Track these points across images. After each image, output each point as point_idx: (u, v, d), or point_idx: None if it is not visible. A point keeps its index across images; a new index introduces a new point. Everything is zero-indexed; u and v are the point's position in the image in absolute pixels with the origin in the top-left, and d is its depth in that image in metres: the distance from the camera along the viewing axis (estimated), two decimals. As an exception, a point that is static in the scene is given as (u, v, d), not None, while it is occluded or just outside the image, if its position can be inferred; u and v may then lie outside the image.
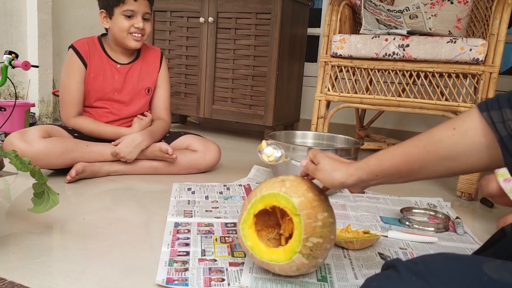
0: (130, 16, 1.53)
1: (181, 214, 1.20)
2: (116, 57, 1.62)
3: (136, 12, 1.53)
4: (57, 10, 2.50)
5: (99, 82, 1.59)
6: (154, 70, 1.70)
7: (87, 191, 1.41)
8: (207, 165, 1.66)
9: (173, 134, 1.72)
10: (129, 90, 1.64)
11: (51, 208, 0.96)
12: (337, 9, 1.71)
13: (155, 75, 1.70)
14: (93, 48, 1.59)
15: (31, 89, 2.48)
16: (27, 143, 1.37)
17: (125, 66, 1.63)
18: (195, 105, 2.46)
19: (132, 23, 1.53)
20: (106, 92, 1.61)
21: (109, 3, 1.53)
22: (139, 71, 1.66)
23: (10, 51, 1.84)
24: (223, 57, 2.34)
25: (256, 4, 2.21)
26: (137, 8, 1.53)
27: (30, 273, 0.85)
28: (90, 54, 1.57)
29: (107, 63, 1.60)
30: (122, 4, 1.51)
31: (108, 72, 1.60)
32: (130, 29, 1.54)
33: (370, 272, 0.91)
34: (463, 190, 1.52)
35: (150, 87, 1.69)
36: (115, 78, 1.61)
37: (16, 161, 0.92)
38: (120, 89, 1.63)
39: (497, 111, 0.53)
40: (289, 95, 2.43)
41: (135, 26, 1.54)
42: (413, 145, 0.63)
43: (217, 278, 0.86)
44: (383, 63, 1.60)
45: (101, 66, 1.59)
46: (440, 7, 1.93)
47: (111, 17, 1.54)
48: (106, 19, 1.56)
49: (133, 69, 1.65)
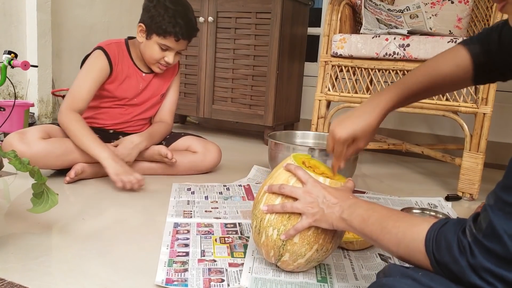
0: (165, 49, 1.50)
1: (181, 215, 1.19)
2: (141, 65, 1.60)
3: (172, 49, 1.50)
4: (56, 10, 2.50)
5: (123, 89, 1.57)
6: (171, 75, 1.69)
7: (86, 191, 1.40)
8: (207, 166, 1.65)
9: (173, 135, 1.71)
10: (148, 96, 1.63)
11: (50, 209, 0.96)
12: (337, 9, 1.71)
13: (170, 81, 1.69)
14: (121, 54, 1.56)
15: (30, 89, 2.48)
16: (26, 145, 1.36)
17: (149, 75, 1.62)
18: (195, 105, 2.46)
19: (164, 55, 1.50)
20: (130, 96, 1.59)
21: (152, 27, 1.46)
22: (160, 80, 1.65)
23: (9, 51, 1.84)
24: (223, 57, 2.34)
25: (256, 3, 2.21)
26: (175, 46, 1.49)
27: (29, 274, 0.85)
28: (118, 60, 1.54)
29: (133, 70, 1.58)
30: (163, 38, 1.47)
31: (134, 79, 1.58)
32: (160, 60, 1.52)
33: (370, 273, 0.91)
34: (464, 190, 1.52)
35: (165, 92, 1.69)
36: (139, 86, 1.60)
37: (15, 161, 0.91)
38: (141, 95, 1.62)
39: None
40: (289, 95, 2.42)
41: (165, 60, 1.51)
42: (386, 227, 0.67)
43: (217, 278, 0.86)
44: (383, 63, 1.60)
45: (127, 73, 1.57)
46: (441, 7, 1.93)
47: (147, 37, 1.50)
48: (142, 34, 1.51)
49: (156, 77, 1.64)
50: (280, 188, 0.82)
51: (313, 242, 0.81)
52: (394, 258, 0.98)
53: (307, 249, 0.82)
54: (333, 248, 0.85)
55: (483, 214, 0.53)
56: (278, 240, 0.82)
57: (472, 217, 0.55)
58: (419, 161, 2.10)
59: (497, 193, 0.52)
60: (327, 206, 0.77)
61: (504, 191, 0.51)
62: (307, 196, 0.79)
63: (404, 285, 0.55)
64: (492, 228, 0.50)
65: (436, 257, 0.56)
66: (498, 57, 0.86)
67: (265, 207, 0.83)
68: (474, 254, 0.51)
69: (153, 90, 1.64)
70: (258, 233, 0.85)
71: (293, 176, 0.83)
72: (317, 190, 0.79)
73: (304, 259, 0.83)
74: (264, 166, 1.72)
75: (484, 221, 0.52)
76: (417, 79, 0.92)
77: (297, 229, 0.80)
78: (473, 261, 0.51)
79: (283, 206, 0.81)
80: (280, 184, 0.82)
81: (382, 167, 1.96)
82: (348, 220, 0.73)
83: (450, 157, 1.63)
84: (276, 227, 0.82)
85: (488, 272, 0.50)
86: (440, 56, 0.93)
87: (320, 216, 0.77)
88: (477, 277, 0.51)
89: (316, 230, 0.80)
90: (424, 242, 0.58)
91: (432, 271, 0.58)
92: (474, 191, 1.50)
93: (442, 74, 0.90)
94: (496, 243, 0.49)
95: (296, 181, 0.82)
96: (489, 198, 0.53)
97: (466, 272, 0.52)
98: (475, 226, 0.53)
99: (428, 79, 0.91)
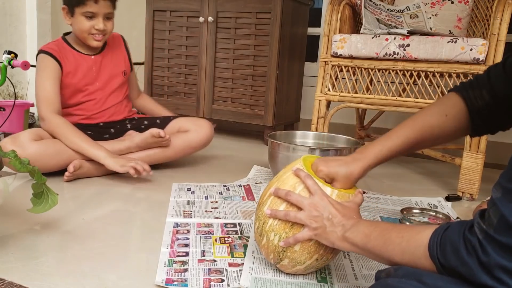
0: (91, 17, 1.53)
1: (181, 215, 1.19)
2: (85, 50, 1.64)
3: (97, 13, 1.53)
4: (56, 10, 2.50)
5: (78, 77, 1.60)
6: (123, 53, 1.74)
7: (86, 191, 1.40)
8: (201, 141, 1.68)
9: (163, 120, 1.74)
10: (107, 77, 1.67)
11: (50, 209, 0.96)
12: (337, 9, 1.71)
13: (127, 59, 1.75)
14: (63, 49, 1.60)
15: (30, 89, 2.48)
16: (20, 147, 1.37)
17: (98, 56, 1.66)
18: (195, 105, 2.46)
19: (92, 24, 1.54)
20: (88, 84, 1.62)
21: (71, 2, 1.53)
22: (111, 57, 1.69)
23: (9, 51, 1.84)
24: (223, 57, 2.34)
25: (256, 3, 2.21)
26: (98, 9, 1.52)
27: (29, 274, 0.85)
28: (62, 55, 1.58)
29: (80, 58, 1.62)
30: (83, 6, 1.51)
31: (85, 66, 1.62)
32: (90, 30, 1.55)
33: (370, 273, 0.91)
34: (464, 190, 1.52)
35: (126, 70, 1.74)
36: (92, 70, 1.64)
37: (15, 161, 0.91)
38: (99, 78, 1.65)
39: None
40: (289, 95, 2.42)
41: (95, 28, 1.55)
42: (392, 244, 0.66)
43: (217, 278, 0.86)
44: (383, 62, 1.60)
45: (75, 63, 1.60)
46: (441, 7, 1.93)
47: (72, 15, 1.55)
48: (68, 15, 1.57)
49: (105, 56, 1.68)
50: (287, 195, 0.81)
51: (314, 252, 0.81)
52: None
53: (307, 257, 0.82)
54: (333, 257, 0.85)
55: (492, 209, 0.50)
56: (278, 246, 0.82)
57: (479, 214, 0.53)
58: (419, 161, 2.10)
59: (505, 185, 0.50)
60: (330, 224, 0.75)
61: (511, 182, 0.49)
62: (312, 209, 0.78)
63: (410, 286, 0.54)
64: (505, 221, 0.47)
65: (441, 262, 0.56)
66: (503, 92, 0.75)
67: (269, 210, 0.82)
68: (486, 252, 0.49)
69: (110, 69, 1.68)
70: (260, 235, 0.85)
71: (300, 183, 0.82)
72: (324, 205, 0.77)
73: (303, 266, 0.83)
74: (264, 166, 1.72)
75: (495, 215, 0.49)
76: (403, 133, 0.85)
77: (297, 239, 0.79)
78: (486, 259, 0.49)
79: (286, 215, 0.80)
80: (287, 191, 0.81)
81: (382, 167, 1.94)
82: (350, 238, 0.72)
83: (450, 157, 1.63)
84: (278, 233, 0.82)
85: (503, 269, 0.48)
86: (429, 107, 0.86)
87: (321, 232, 0.76)
88: (488, 276, 0.49)
89: (318, 241, 0.80)
90: (427, 247, 0.58)
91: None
92: (474, 191, 1.50)
93: (430, 127, 0.83)
94: (511, 237, 0.47)
95: (303, 188, 0.81)
96: (495, 192, 0.51)
97: (476, 273, 0.50)
98: (483, 222, 0.51)
99: (414, 135, 0.84)
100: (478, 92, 0.78)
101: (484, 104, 0.77)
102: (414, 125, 0.84)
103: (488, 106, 0.77)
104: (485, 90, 0.77)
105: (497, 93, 0.75)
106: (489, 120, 0.79)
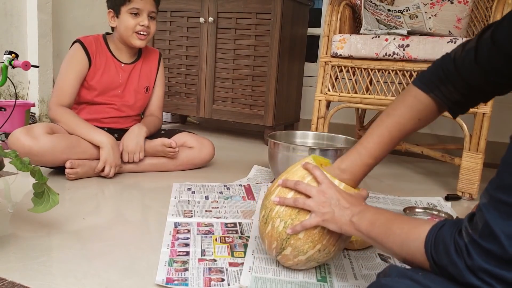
0: (136, 14, 1.56)
1: (181, 214, 1.20)
2: (120, 56, 1.65)
3: (142, 10, 1.56)
4: (57, 10, 2.50)
5: (104, 79, 1.61)
6: (153, 70, 1.74)
7: (87, 191, 1.41)
8: (203, 160, 1.71)
9: (168, 132, 1.75)
10: (132, 89, 1.68)
11: (51, 208, 0.97)
12: (337, 9, 1.71)
13: (153, 75, 1.75)
14: (99, 47, 1.62)
15: (31, 89, 2.48)
16: (33, 138, 1.38)
17: (129, 65, 1.67)
18: (195, 105, 2.46)
19: (138, 21, 1.56)
20: (111, 87, 1.63)
21: (116, 2, 1.56)
22: (139, 71, 1.70)
23: (10, 51, 1.84)
24: (223, 57, 2.34)
25: (256, 4, 2.21)
26: (143, 6, 1.56)
27: (30, 273, 0.85)
28: (96, 52, 1.60)
29: (112, 61, 1.63)
30: (129, 3, 1.55)
31: (113, 70, 1.63)
32: (135, 27, 1.57)
33: (369, 273, 0.91)
34: (463, 190, 1.52)
35: (149, 86, 1.73)
36: (119, 76, 1.64)
37: (16, 161, 0.92)
38: (124, 87, 1.66)
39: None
40: (289, 95, 2.43)
41: (140, 24, 1.57)
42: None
43: (217, 278, 0.86)
44: (383, 63, 1.60)
45: (106, 64, 1.62)
46: (440, 7, 1.93)
47: (118, 16, 1.58)
48: (113, 18, 1.60)
49: (135, 68, 1.69)
50: (296, 184, 0.83)
51: (317, 241, 0.82)
52: (394, 258, 0.98)
53: (310, 246, 0.82)
54: (335, 252, 0.85)
55: (479, 214, 0.52)
56: (283, 233, 0.83)
57: (468, 218, 0.54)
58: (419, 161, 2.10)
59: (491, 193, 0.52)
60: (338, 209, 0.77)
61: (498, 190, 0.51)
62: (320, 195, 0.80)
63: (403, 285, 0.56)
64: (489, 228, 0.50)
65: (435, 260, 0.57)
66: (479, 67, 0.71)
67: (277, 198, 0.84)
68: (471, 255, 0.51)
69: (135, 82, 1.68)
70: (265, 223, 0.86)
71: (309, 174, 0.84)
72: (332, 192, 0.79)
73: (305, 257, 0.83)
74: (264, 166, 1.72)
75: (480, 221, 0.51)
76: (386, 147, 0.84)
77: (304, 226, 0.80)
78: (470, 262, 0.51)
79: (295, 201, 0.82)
80: (296, 181, 0.83)
81: (382, 167, 1.96)
82: (356, 223, 0.74)
83: (450, 157, 1.63)
84: (284, 219, 0.83)
85: (486, 272, 0.50)
86: (400, 111, 0.82)
87: (329, 217, 0.78)
88: (475, 278, 0.51)
89: (322, 229, 0.81)
90: (423, 243, 0.59)
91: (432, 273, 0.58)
92: (473, 191, 1.50)
93: (406, 133, 0.83)
94: (493, 243, 0.49)
95: (311, 179, 0.83)
96: (483, 198, 0.53)
97: (464, 274, 0.52)
98: (471, 226, 0.53)
99: (392, 146, 0.84)
100: (451, 87, 0.76)
101: (460, 97, 0.77)
102: (392, 139, 0.83)
103: (465, 96, 0.77)
104: (458, 84, 0.76)
105: (472, 84, 0.74)
106: (468, 103, 0.80)
